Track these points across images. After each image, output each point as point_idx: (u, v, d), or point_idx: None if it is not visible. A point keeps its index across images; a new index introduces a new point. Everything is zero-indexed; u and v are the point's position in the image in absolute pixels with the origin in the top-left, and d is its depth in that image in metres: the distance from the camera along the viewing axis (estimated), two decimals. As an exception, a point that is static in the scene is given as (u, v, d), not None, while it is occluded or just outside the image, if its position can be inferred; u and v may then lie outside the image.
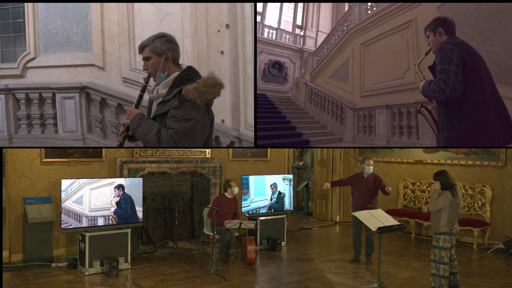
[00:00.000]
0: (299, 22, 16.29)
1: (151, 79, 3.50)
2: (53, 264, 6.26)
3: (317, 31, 16.35)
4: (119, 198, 6.43)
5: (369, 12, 8.95)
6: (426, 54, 3.86)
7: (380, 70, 8.40)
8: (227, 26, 6.42)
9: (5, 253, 6.29)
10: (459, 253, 7.48)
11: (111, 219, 6.36)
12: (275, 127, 9.61)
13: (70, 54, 6.59)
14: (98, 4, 6.40)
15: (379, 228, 5.45)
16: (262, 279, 6.02)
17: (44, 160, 6.63)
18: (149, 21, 6.24)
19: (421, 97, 3.75)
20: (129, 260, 6.29)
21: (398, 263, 6.81)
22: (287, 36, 15.71)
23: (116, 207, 6.41)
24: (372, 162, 6.87)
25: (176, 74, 3.38)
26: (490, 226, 7.85)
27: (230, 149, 8.35)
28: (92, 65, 6.64)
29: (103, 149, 7.01)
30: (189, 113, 3.19)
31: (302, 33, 16.20)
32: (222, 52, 6.54)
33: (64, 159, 6.77)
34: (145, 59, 3.43)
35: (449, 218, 5.09)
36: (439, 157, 8.70)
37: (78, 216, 6.14)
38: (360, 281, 5.92)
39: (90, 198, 6.26)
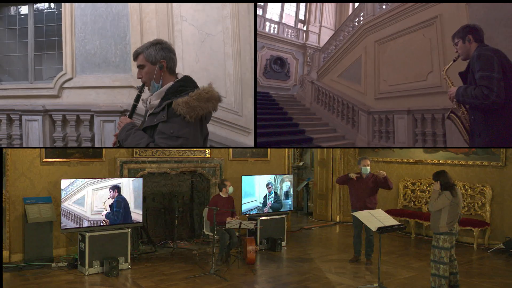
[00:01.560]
0: (301, 17, 15.61)
1: (145, 88, 3.30)
2: (53, 264, 6.26)
3: (321, 26, 15.84)
4: (113, 200, 6.35)
5: (384, 7, 8.25)
6: (454, 60, 3.92)
7: (398, 71, 7.85)
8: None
9: (5, 253, 6.29)
10: (459, 253, 7.48)
11: (103, 222, 6.25)
12: (281, 131, 8.80)
13: (108, 75, 6.34)
14: (138, 24, 6.21)
15: (379, 228, 5.46)
16: (262, 279, 6.02)
17: (44, 160, 6.63)
18: (190, 42, 6.00)
19: (447, 102, 3.78)
20: (129, 260, 6.29)
21: (398, 263, 6.81)
22: (289, 31, 15.17)
23: (109, 209, 6.32)
24: (368, 162, 6.87)
25: (170, 84, 3.15)
26: (490, 226, 7.85)
27: (230, 149, 8.35)
28: (131, 86, 6.29)
29: (103, 149, 7.00)
30: (178, 129, 2.93)
31: (305, 28, 15.57)
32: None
33: (64, 159, 6.77)
34: (139, 67, 3.23)
35: (449, 218, 5.09)
36: (439, 157, 8.70)
37: (78, 219, 6.10)
38: (360, 281, 5.92)
39: (93, 199, 6.20)
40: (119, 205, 6.37)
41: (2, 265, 5.76)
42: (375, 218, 5.62)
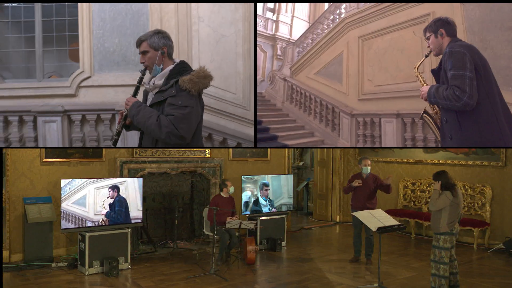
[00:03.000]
0: (271, 5, 14.04)
1: (147, 71, 3.83)
2: (53, 264, 6.26)
3: (293, 16, 14.28)
4: (113, 200, 6.33)
5: None
6: (426, 56, 3.76)
7: (385, 71, 7.38)
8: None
9: (5, 253, 6.29)
10: (459, 253, 7.47)
11: (102, 221, 6.23)
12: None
13: (127, 73, 6.24)
14: (158, 23, 6.17)
15: (379, 228, 5.46)
16: (262, 279, 6.02)
17: (44, 160, 6.63)
18: (206, 42, 6.23)
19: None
20: (129, 260, 6.29)
21: (398, 263, 6.80)
22: (257, 19, 12.94)
23: (108, 209, 6.29)
24: (369, 162, 6.89)
25: (171, 67, 3.73)
26: (490, 226, 7.85)
27: (230, 149, 8.35)
28: None
29: (103, 149, 7.00)
30: (185, 101, 3.53)
31: (274, 18, 14.12)
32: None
33: (64, 159, 6.77)
34: (143, 53, 3.74)
35: (450, 218, 5.09)
36: (439, 157, 8.70)
37: (80, 220, 6.08)
38: (360, 281, 5.91)
39: (96, 199, 6.18)
40: (121, 205, 6.37)
41: (2, 265, 5.76)
42: (375, 218, 5.62)
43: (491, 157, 7.98)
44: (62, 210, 5.99)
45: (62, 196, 6.00)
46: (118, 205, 6.35)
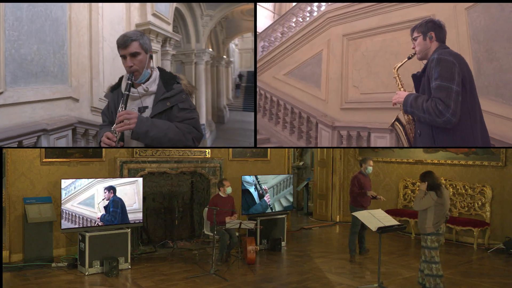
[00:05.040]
0: None
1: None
2: (53, 264, 6.26)
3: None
4: (108, 201, 6.27)
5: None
6: (409, 58, 3.43)
7: (374, 76, 6.48)
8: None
9: (5, 253, 6.29)
10: (459, 253, 7.51)
11: (97, 225, 6.17)
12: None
13: (46, 86, 5.09)
14: (77, 36, 5.85)
15: (379, 228, 5.46)
16: (262, 279, 6.02)
17: (44, 160, 6.63)
18: (107, 58, 6.38)
19: None
20: (129, 260, 6.29)
21: (398, 263, 6.80)
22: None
23: (104, 212, 6.22)
24: (371, 162, 7.11)
25: (157, 72, 3.36)
26: (490, 226, 7.85)
27: (230, 149, 8.34)
28: (70, 97, 5.61)
29: (103, 149, 7.00)
30: (192, 104, 3.34)
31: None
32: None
33: (64, 159, 6.77)
34: (133, 54, 3.22)
35: (435, 218, 5.16)
36: (439, 157, 8.70)
37: (85, 221, 6.08)
38: (360, 281, 5.91)
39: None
40: (116, 205, 6.30)
41: (2, 265, 5.76)
42: (375, 218, 5.62)
43: (491, 157, 7.98)
44: (65, 211, 5.98)
45: (66, 196, 6.00)
46: (113, 206, 6.28)
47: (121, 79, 3.47)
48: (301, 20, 7.87)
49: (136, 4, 7.19)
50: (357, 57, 6.70)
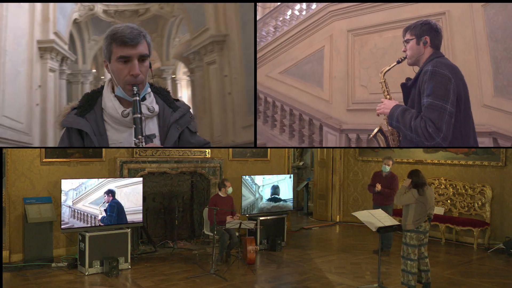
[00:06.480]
0: None
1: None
2: (53, 264, 6.26)
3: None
4: (107, 204, 6.30)
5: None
6: (399, 62, 3.08)
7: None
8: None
9: (5, 253, 6.29)
10: (459, 253, 7.50)
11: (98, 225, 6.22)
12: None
13: None
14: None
15: (379, 228, 5.46)
16: (262, 279, 6.02)
17: (44, 160, 6.63)
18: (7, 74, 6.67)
19: None
20: (129, 260, 6.29)
21: (398, 263, 6.79)
22: None
23: (104, 214, 6.26)
24: (390, 162, 7.34)
25: (148, 86, 2.52)
26: (490, 226, 7.85)
27: (230, 149, 8.34)
28: None
29: (103, 149, 7.00)
30: (197, 125, 2.74)
31: None
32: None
33: (64, 159, 6.77)
34: (142, 57, 2.38)
35: (415, 216, 5.25)
36: (439, 157, 8.70)
37: (94, 219, 6.13)
38: (360, 281, 5.91)
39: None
40: (112, 210, 6.31)
41: (2, 265, 5.76)
42: (375, 218, 5.62)
43: (491, 157, 7.98)
44: (76, 210, 6.01)
45: (74, 198, 6.01)
46: (109, 211, 6.29)
47: (90, 95, 2.52)
48: (298, 13, 7.20)
49: (39, 21, 7.61)
50: (364, 55, 6.25)
